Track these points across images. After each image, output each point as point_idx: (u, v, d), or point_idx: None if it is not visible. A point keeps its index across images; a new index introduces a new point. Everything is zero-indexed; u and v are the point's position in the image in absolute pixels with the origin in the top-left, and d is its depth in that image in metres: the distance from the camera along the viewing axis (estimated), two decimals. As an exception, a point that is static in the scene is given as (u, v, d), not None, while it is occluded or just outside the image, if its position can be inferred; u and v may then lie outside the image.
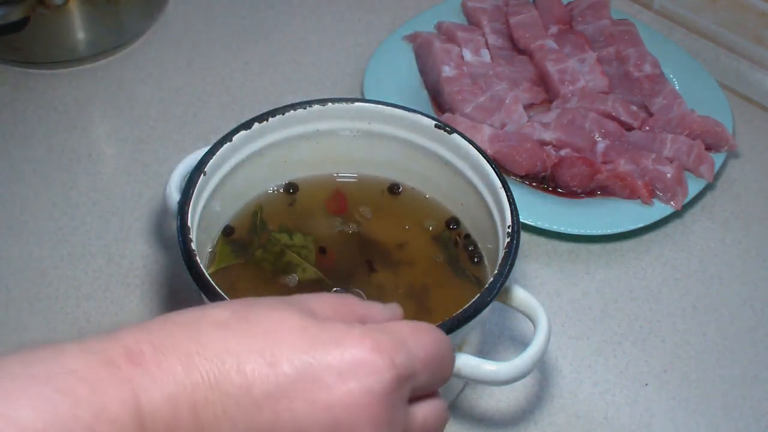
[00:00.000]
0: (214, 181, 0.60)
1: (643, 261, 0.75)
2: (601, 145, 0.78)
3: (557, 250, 0.75)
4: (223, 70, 0.86)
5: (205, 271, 0.53)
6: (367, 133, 0.65)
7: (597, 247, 0.75)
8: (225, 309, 0.38)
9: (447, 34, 0.87)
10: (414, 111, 0.64)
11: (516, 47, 0.87)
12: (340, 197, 0.66)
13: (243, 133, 0.61)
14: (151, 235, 0.72)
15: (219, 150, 0.59)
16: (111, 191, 0.76)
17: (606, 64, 0.85)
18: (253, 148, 0.62)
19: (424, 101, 0.83)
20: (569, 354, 0.68)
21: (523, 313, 0.57)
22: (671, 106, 0.81)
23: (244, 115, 0.63)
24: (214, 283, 0.53)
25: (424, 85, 0.84)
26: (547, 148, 0.77)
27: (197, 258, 0.54)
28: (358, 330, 0.38)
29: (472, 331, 0.56)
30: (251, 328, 0.37)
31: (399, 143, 0.65)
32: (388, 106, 0.64)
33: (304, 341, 0.37)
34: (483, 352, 0.64)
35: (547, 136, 0.78)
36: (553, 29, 0.88)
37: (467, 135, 0.63)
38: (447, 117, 0.79)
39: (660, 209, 0.75)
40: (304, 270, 0.62)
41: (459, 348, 0.55)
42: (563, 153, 0.77)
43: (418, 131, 0.64)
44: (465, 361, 0.55)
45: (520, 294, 0.57)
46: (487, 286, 0.54)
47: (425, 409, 0.41)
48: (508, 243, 0.56)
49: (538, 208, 0.74)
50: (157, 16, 0.90)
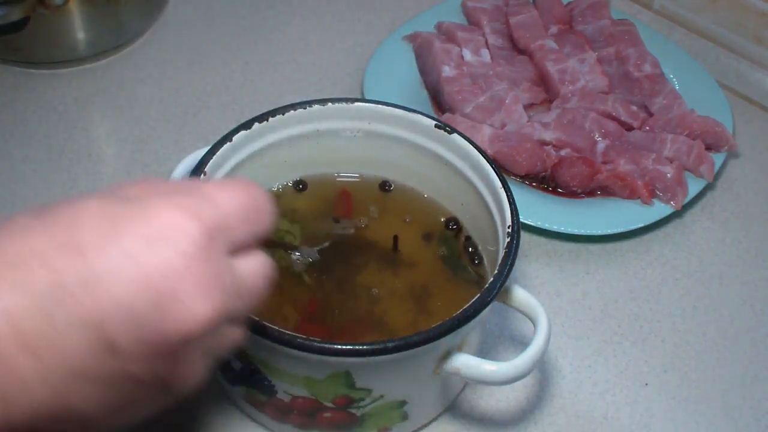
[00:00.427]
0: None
1: (643, 261, 0.75)
2: (601, 145, 0.78)
3: (557, 250, 0.75)
4: (223, 70, 0.86)
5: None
6: (367, 133, 0.65)
7: (597, 247, 0.75)
8: (25, 214, 0.37)
9: (447, 34, 0.87)
10: (414, 111, 0.64)
11: (516, 47, 0.87)
12: (345, 197, 0.66)
13: (243, 133, 0.61)
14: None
15: (219, 150, 0.59)
16: (111, 191, 0.76)
17: (606, 64, 0.85)
18: (253, 148, 0.62)
19: (424, 101, 0.83)
20: (569, 354, 0.68)
21: (523, 313, 0.57)
22: (671, 106, 0.81)
23: (244, 115, 0.63)
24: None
25: (424, 85, 0.84)
26: (547, 148, 0.77)
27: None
28: (160, 198, 0.37)
29: (472, 331, 0.56)
30: (53, 224, 0.36)
31: (399, 143, 0.65)
32: (388, 106, 0.64)
33: (107, 222, 0.36)
34: (483, 352, 0.64)
35: (547, 136, 0.78)
36: (553, 29, 0.88)
37: (467, 135, 0.63)
38: (447, 117, 0.79)
39: (660, 209, 0.75)
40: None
41: (459, 348, 0.56)
42: (563, 153, 0.77)
43: (418, 131, 0.64)
44: (465, 361, 0.55)
45: (520, 294, 0.57)
46: (487, 286, 0.54)
47: (249, 262, 0.40)
48: (508, 243, 0.56)
49: (538, 208, 0.74)
50: (157, 16, 0.90)
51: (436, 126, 0.63)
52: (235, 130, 0.61)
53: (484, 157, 0.61)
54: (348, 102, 0.64)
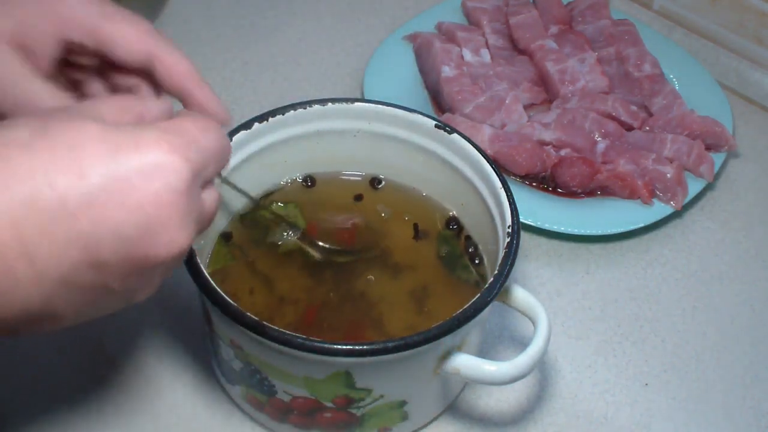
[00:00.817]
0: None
1: (643, 261, 0.75)
2: (601, 145, 0.78)
3: (557, 250, 0.75)
4: (223, 70, 0.86)
5: (204, 270, 0.53)
6: (367, 133, 0.65)
7: (597, 247, 0.75)
8: (23, 128, 0.40)
9: (447, 34, 0.87)
10: (414, 111, 0.64)
11: (516, 47, 0.87)
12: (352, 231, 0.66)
13: (243, 133, 0.61)
14: (151, 235, 0.72)
15: (219, 150, 0.59)
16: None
17: (606, 64, 0.85)
18: (253, 148, 0.62)
19: (424, 101, 0.83)
20: (569, 354, 0.68)
21: (523, 313, 0.57)
22: (671, 106, 0.81)
23: (244, 115, 0.63)
24: (213, 283, 0.53)
25: (424, 85, 0.84)
26: (547, 148, 0.77)
27: (197, 259, 0.54)
28: (153, 133, 0.41)
29: (472, 331, 0.56)
30: (54, 144, 0.39)
31: (399, 143, 0.65)
32: (388, 106, 0.64)
33: (106, 149, 0.40)
34: (483, 352, 0.64)
35: (547, 136, 0.78)
36: (553, 29, 0.88)
37: (467, 135, 0.63)
38: (447, 117, 0.79)
39: (660, 209, 0.75)
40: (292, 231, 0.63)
41: (459, 348, 0.56)
42: (563, 153, 0.77)
43: (418, 131, 0.64)
44: (465, 361, 0.55)
45: (520, 294, 0.57)
46: (487, 286, 0.54)
47: (210, 194, 0.46)
48: (508, 243, 0.56)
49: (538, 208, 0.74)
50: (157, 16, 0.90)
51: (436, 126, 0.63)
52: (235, 130, 0.61)
53: (484, 157, 0.61)
54: (348, 102, 0.64)
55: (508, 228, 0.57)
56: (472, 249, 0.64)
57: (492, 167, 0.60)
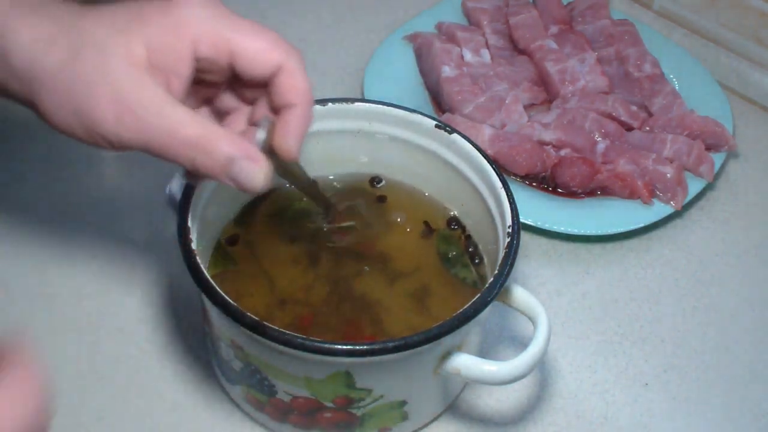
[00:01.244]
0: (214, 182, 0.59)
1: (643, 261, 0.75)
2: (601, 145, 0.78)
3: (557, 250, 0.75)
4: (223, 70, 0.86)
5: (205, 271, 0.53)
6: (367, 133, 0.65)
7: (597, 247, 0.75)
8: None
9: (447, 34, 0.87)
10: (414, 111, 0.64)
11: (516, 47, 0.87)
12: None
13: (243, 133, 0.61)
14: (152, 235, 0.72)
15: (219, 150, 0.59)
16: (111, 191, 0.76)
17: (606, 64, 0.85)
18: (253, 148, 0.62)
19: (424, 101, 0.83)
20: (569, 354, 0.68)
21: (523, 313, 0.57)
22: (671, 106, 0.81)
23: (244, 115, 0.63)
24: (214, 284, 0.53)
25: (424, 85, 0.84)
26: (547, 148, 0.77)
27: (197, 258, 0.54)
28: None
29: (472, 331, 0.56)
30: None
31: (399, 143, 0.65)
32: (388, 106, 0.64)
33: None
34: (483, 352, 0.64)
35: (547, 136, 0.78)
36: (553, 29, 0.88)
37: (467, 135, 0.63)
38: (447, 117, 0.79)
39: (660, 209, 0.75)
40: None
41: (459, 348, 0.56)
42: (563, 153, 0.77)
43: (419, 131, 0.64)
44: (465, 361, 0.55)
45: (520, 294, 0.57)
46: (487, 286, 0.54)
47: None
48: (508, 243, 0.56)
49: (538, 208, 0.74)
50: (157, 16, 0.90)
51: (436, 126, 0.63)
52: (235, 130, 0.61)
53: (484, 157, 0.61)
54: (348, 102, 0.64)
55: (508, 228, 0.57)
56: (472, 249, 0.64)
57: (492, 167, 0.60)
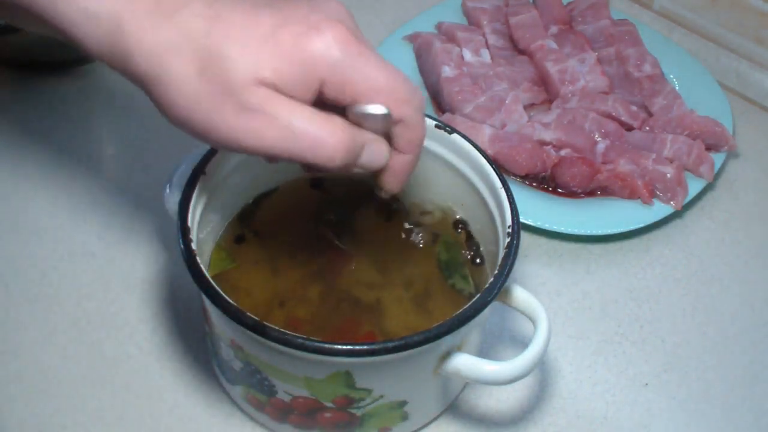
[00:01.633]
0: (214, 182, 0.60)
1: (643, 261, 0.75)
2: (601, 145, 0.78)
3: (557, 250, 0.75)
4: (224, 70, 0.86)
5: (205, 271, 0.53)
6: (367, 133, 0.65)
7: (597, 247, 0.75)
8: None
9: (447, 34, 0.87)
10: (414, 111, 0.64)
11: (516, 47, 0.87)
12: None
13: (243, 133, 0.61)
14: (152, 236, 0.72)
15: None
16: (111, 191, 0.76)
17: (606, 64, 0.85)
18: (253, 148, 0.62)
19: (424, 101, 0.83)
20: (569, 354, 0.68)
21: (523, 313, 0.57)
22: (671, 106, 0.81)
23: (245, 115, 0.63)
24: (214, 284, 0.53)
25: (424, 85, 0.84)
26: (547, 148, 0.77)
27: (198, 259, 0.54)
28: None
29: (472, 331, 0.56)
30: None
31: (399, 143, 0.65)
32: (388, 106, 0.64)
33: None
34: (483, 352, 0.64)
35: (547, 136, 0.78)
36: (553, 29, 0.88)
37: (467, 135, 0.63)
38: (447, 117, 0.79)
39: (660, 209, 0.75)
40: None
41: (459, 348, 0.56)
42: (563, 153, 0.77)
43: (418, 131, 0.64)
44: (465, 361, 0.55)
45: (520, 294, 0.57)
46: (487, 286, 0.54)
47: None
48: (508, 243, 0.56)
49: (538, 208, 0.74)
50: (158, 16, 0.90)
51: (436, 126, 0.63)
52: (236, 130, 0.61)
53: (484, 157, 0.61)
54: (348, 102, 0.64)
55: (508, 228, 0.57)
56: (473, 249, 0.64)
57: (492, 167, 0.60)
